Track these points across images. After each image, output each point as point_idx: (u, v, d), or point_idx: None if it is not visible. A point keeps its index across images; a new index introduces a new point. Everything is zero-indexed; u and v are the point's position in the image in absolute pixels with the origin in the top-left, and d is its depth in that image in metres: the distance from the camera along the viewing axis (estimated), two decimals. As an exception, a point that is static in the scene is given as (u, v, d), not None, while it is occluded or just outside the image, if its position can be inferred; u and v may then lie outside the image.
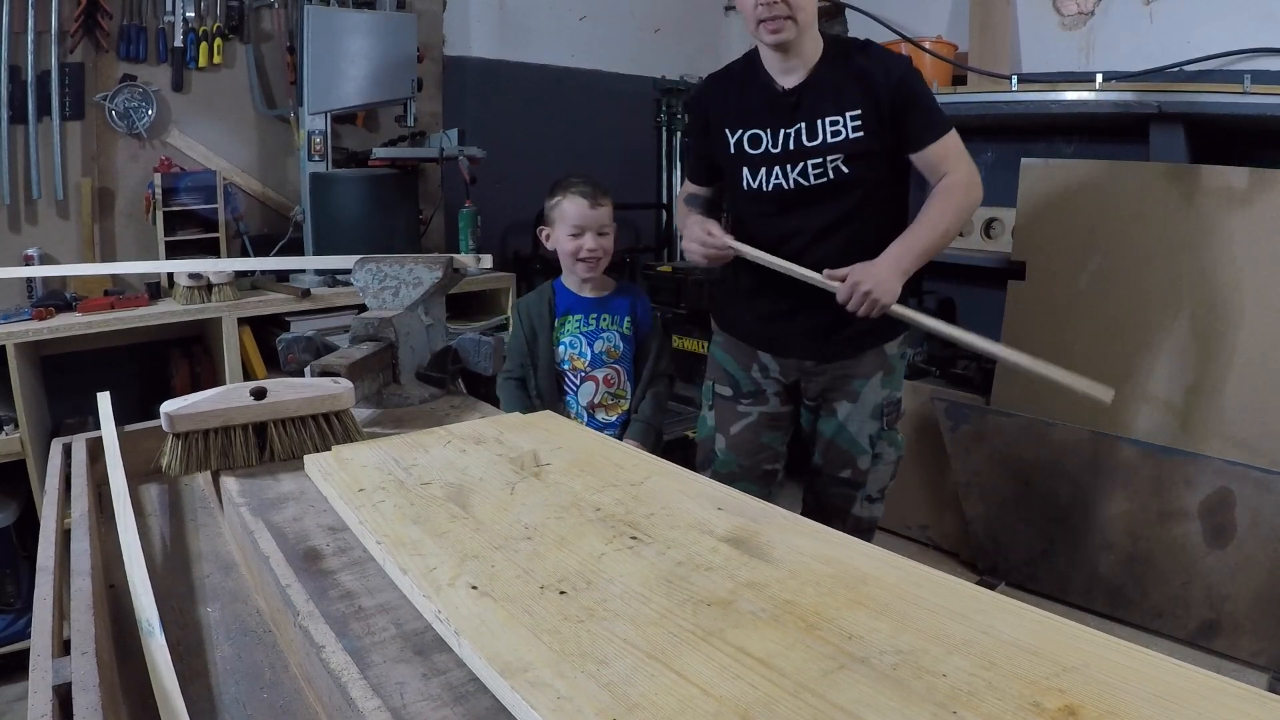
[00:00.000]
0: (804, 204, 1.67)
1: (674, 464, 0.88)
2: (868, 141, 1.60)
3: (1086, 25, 2.78)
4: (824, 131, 1.62)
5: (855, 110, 1.59)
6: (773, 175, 1.67)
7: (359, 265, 1.37)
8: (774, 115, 1.65)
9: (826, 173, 1.63)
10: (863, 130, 1.60)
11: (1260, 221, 2.03)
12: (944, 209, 1.58)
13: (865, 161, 1.62)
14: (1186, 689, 0.49)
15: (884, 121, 1.59)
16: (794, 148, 1.63)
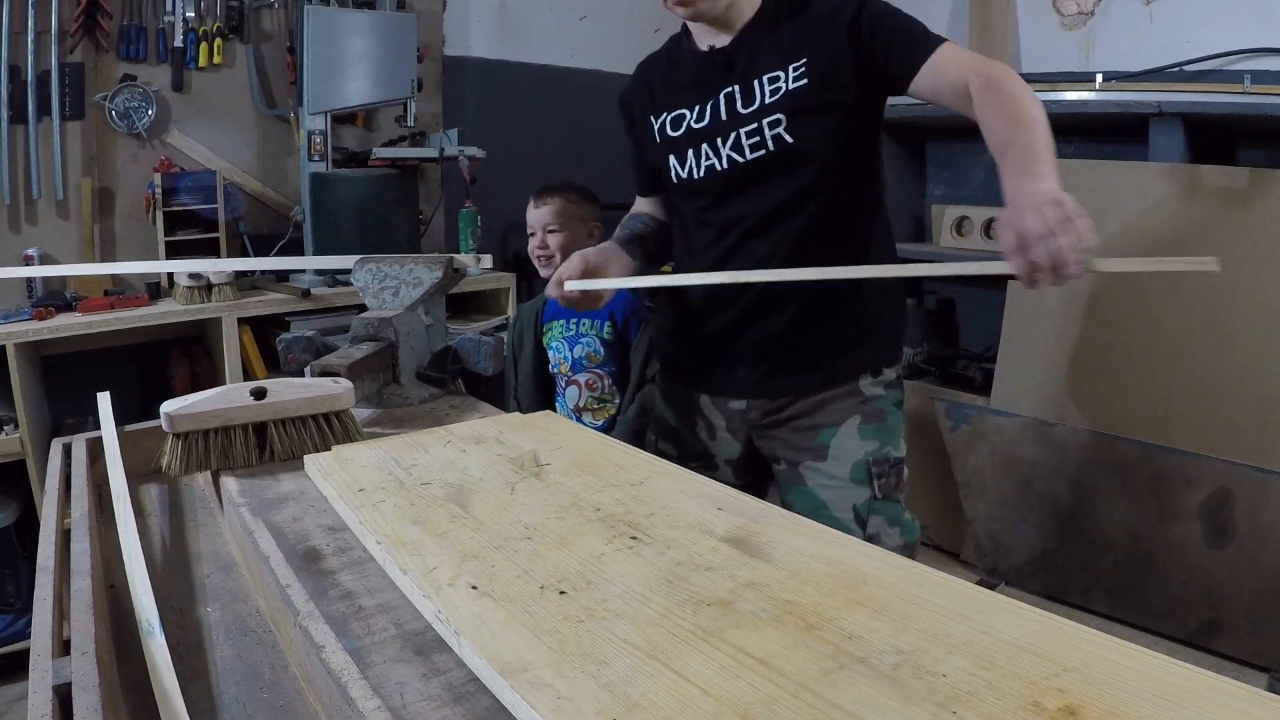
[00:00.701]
0: (742, 187, 1.29)
1: (674, 464, 0.88)
2: (813, 92, 1.22)
3: (1086, 25, 2.78)
4: (761, 92, 1.26)
5: (799, 60, 1.23)
6: (702, 156, 1.31)
7: (359, 265, 1.37)
8: (701, 85, 1.31)
9: (765, 142, 1.25)
10: (806, 79, 1.22)
11: (1260, 221, 2.03)
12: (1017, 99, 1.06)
13: (813, 122, 1.23)
14: (1186, 689, 0.49)
15: (841, 67, 1.22)
16: (725, 116, 1.28)
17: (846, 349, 1.32)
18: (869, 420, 1.31)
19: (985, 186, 3.02)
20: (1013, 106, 1.06)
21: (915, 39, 1.20)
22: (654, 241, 1.45)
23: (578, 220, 1.93)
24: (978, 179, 3.05)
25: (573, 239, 1.90)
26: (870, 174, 1.35)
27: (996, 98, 1.08)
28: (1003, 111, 1.06)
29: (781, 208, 1.28)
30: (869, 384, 1.32)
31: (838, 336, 1.31)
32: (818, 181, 1.27)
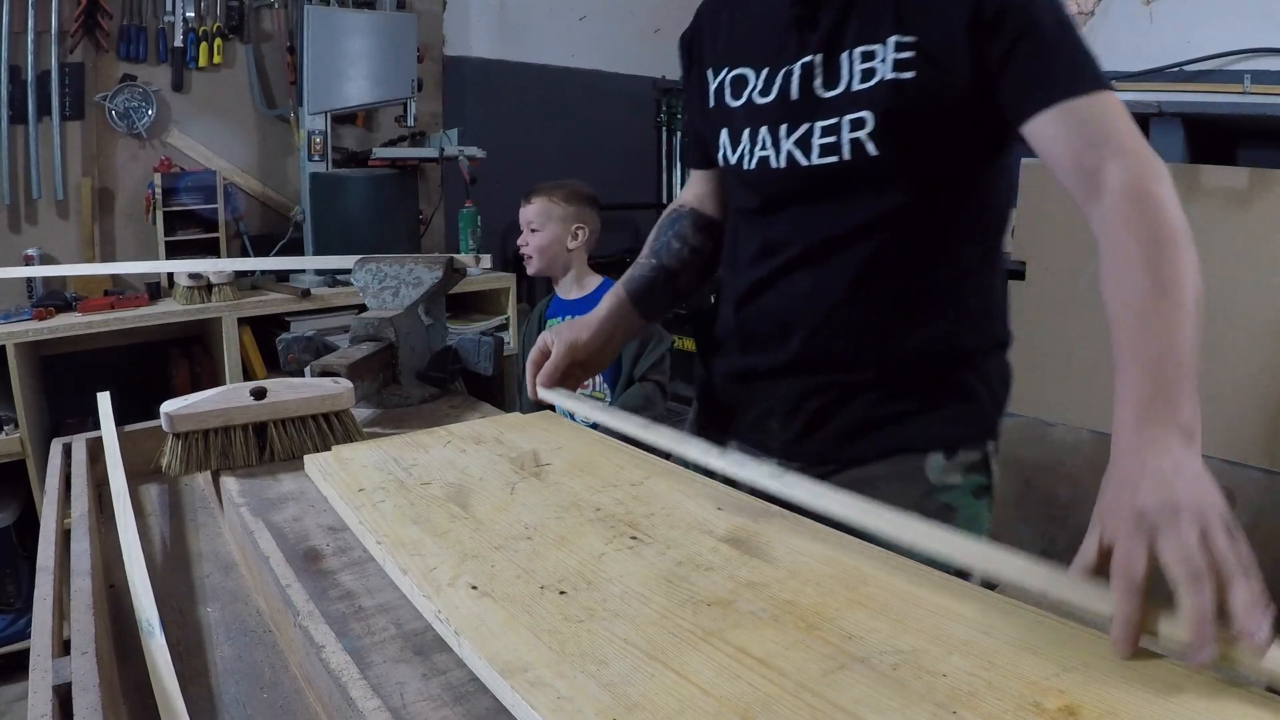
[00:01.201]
0: (799, 198, 0.97)
1: (674, 464, 0.88)
2: (922, 92, 0.87)
3: (1086, 25, 2.78)
4: (848, 72, 0.90)
5: (908, 36, 0.87)
6: (757, 143, 0.98)
7: (359, 265, 1.37)
8: (775, 43, 0.97)
9: (839, 146, 0.91)
10: (914, 70, 0.87)
11: (1260, 221, 2.03)
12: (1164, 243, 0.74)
13: (913, 132, 0.89)
14: (1186, 689, 0.49)
15: (959, 59, 0.86)
16: (798, 96, 0.94)
17: (911, 415, 0.97)
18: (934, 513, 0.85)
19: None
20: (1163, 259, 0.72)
21: (1055, 62, 0.82)
22: (686, 276, 1.15)
23: (558, 220, 1.98)
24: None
25: (552, 238, 1.97)
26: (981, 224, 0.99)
27: (1140, 233, 0.74)
28: (1146, 264, 0.72)
29: (842, 241, 0.95)
30: (939, 467, 0.97)
31: (903, 396, 0.97)
32: (904, 217, 0.93)
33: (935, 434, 0.98)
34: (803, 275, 0.98)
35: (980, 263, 1.00)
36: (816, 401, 1.00)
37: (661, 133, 4.01)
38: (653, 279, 1.13)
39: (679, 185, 4.04)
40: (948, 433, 0.98)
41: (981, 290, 1.01)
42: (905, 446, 0.98)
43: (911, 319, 0.96)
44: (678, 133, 3.96)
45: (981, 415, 1.02)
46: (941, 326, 0.97)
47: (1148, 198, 0.76)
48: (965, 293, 0.99)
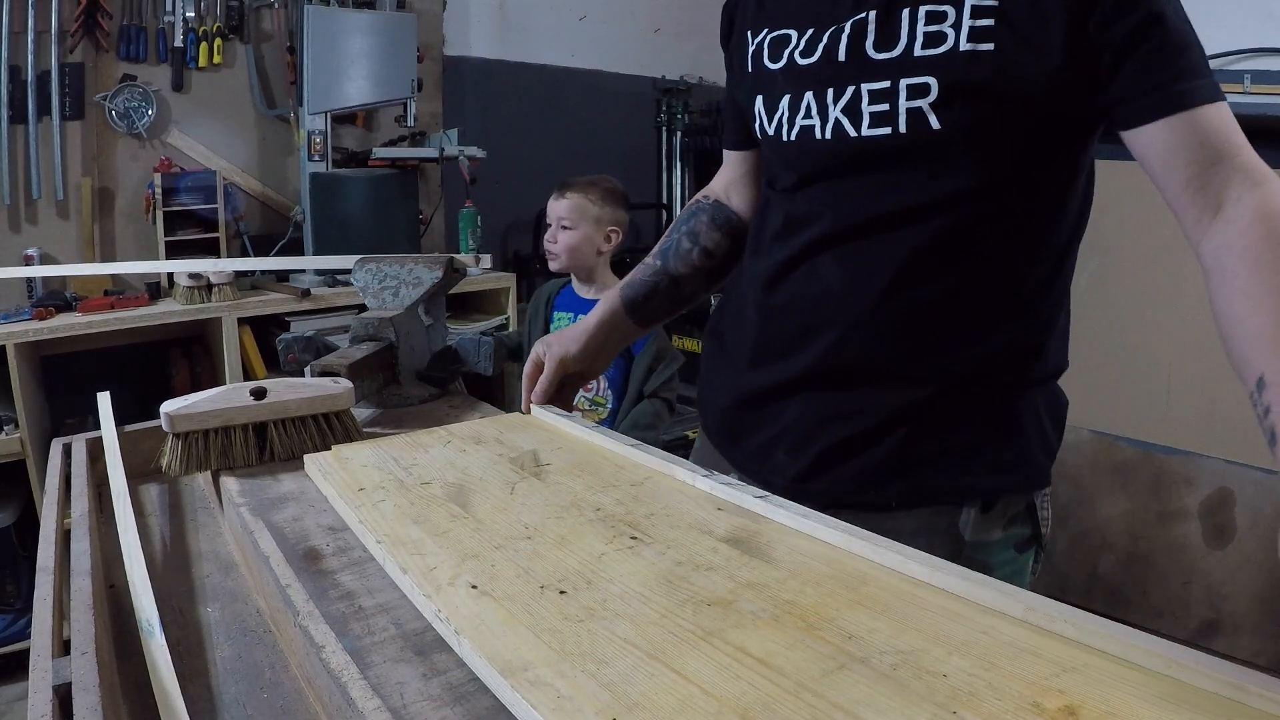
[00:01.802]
0: (840, 173, 0.84)
1: (673, 464, 0.88)
2: (1001, 69, 0.75)
3: (1086, 25, 2.78)
4: (908, 32, 0.79)
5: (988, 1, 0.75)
6: (800, 110, 0.85)
7: (359, 265, 1.37)
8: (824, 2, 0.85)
9: (895, 115, 0.79)
10: (993, 41, 0.75)
11: (1260, 221, 2.03)
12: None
13: (984, 107, 0.77)
14: (1186, 689, 0.49)
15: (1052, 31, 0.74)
16: (845, 57, 0.82)
17: (948, 457, 0.83)
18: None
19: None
20: None
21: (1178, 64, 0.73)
22: (692, 283, 1.05)
23: (592, 221, 1.91)
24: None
25: (584, 239, 1.90)
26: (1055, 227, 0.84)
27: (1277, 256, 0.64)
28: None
29: (886, 223, 0.82)
30: (975, 522, 0.83)
31: (941, 433, 0.83)
32: (964, 205, 0.80)
33: (973, 484, 0.84)
34: (832, 260, 0.84)
35: (1050, 273, 0.85)
36: (835, 432, 0.85)
37: (661, 133, 4.01)
38: (653, 285, 1.04)
39: (679, 186, 4.04)
40: (988, 483, 0.84)
41: (1047, 306, 0.86)
42: (936, 498, 0.84)
43: (963, 331, 0.82)
44: (678, 133, 3.96)
45: (1029, 460, 0.86)
46: (996, 345, 0.83)
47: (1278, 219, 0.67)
48: (1029, 308, 0.84)
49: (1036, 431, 0.86)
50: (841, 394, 0.85)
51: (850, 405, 0.84)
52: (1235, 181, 0.71)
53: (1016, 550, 0.87)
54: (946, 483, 0.83)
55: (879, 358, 0.83)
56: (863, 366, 0.84)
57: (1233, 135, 0.73)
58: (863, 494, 0.85)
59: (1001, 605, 0.59)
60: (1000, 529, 0.85)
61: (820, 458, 0.86)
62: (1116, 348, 2.26)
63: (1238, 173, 0.71)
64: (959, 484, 0.83)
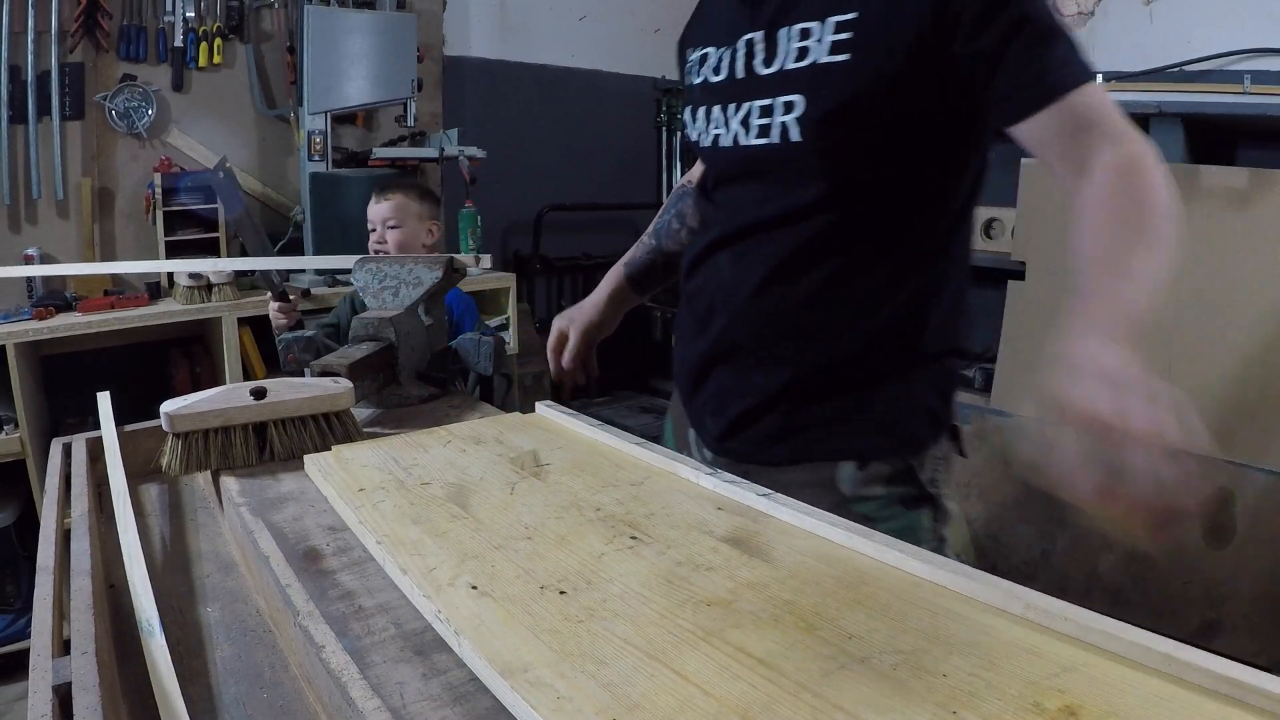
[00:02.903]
0: (734, 179, 0.97)
1: (674, 464, 0.88)
2: (854, 79, 0.83)
3: (1086, 25, 2.78)
4: (784, 50, 0.88)
5: (848, 14, 0.84)
6: (712, 121, 0.97)
7: (359, 265, 1.37)
8: (730, 21, 0.96)
9: (771, 129, 0.89)
10: (848, 52, 0.83)
11: (1260, 221, 2.03)
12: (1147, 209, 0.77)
13: (844, 121, 0.85)
14: (1186, 690, 0.49)
15: (910, 45, 0.81)
16: (743, 74, 0.93)
17: (825, 423, 0.95)
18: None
19: (985, 187, 3.01)
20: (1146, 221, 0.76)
21: (1058, 57, 0.79)
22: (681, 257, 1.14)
23: (415, 218, 2.03)
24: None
25: (410, 235, 2.02)
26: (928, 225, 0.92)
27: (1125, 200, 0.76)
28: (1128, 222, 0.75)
29: (761, 228, 0.93)
30: (852, 478, 0.94)
31: (822, 403, 0.95)
32: (822, 211, 0.89)
33: (846, 445, 0.95)
34: (726, 257, 0.97)
35: (922, 267, 0.93)
36: (737, 404, 0.99)
37: (661, 133, 4.01)
38: (651, 262, 1.20)
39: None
40: (859, 445, 0.94)
41: (920, 296, 0.93)
42: (816, 455, 0.95)
43: (830, 321, 0.93)
44: (678, 133, 3.97)
45: (899, 428, 0.95)
46: (863, 331, 0.93)
47: (1136, 172, 0.76)
48: (896, 298, 0.92)
49: (910, 404, 0.95)
50: (740, 372, 0.99)
51: (746, 382, 0.98)
52: (1099, 144, 0.78)
53: (904, 506, 0.95)
54: (822, 445, 0.95)
55: (758, 343, 0.97)
56: (748, 350, 0.97)
57: (1100, 106, 0.79)
58: (763, 453, 0.98)
59: (1001, 603, 0.59)
60: (880, 486, 0.94)
61: (732, 423, 1.00)
62: (1116, 348, 2.26)
63: (1103, 136, 0.78)
64: (833, 446, 0.95)
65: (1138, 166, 0.76)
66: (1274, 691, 0.46)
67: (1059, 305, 2.32)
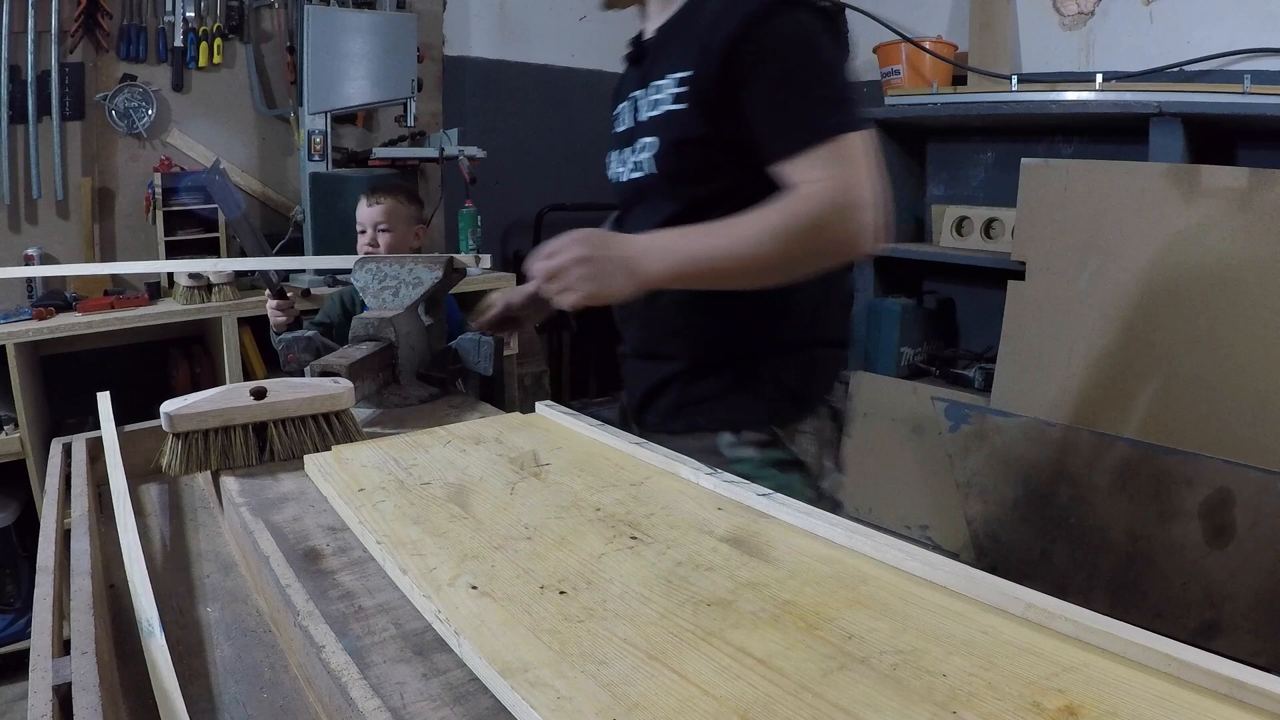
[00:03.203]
0: (626, 207, 1.23)
1: (674, 464, 0.88)
2: (688, 123, 1.04)
3: (1086, 25, 2.78)
4: (649, 103, 1.11)
5: (685, 72, 1.04)
6: (614, 162, 1.23)
7: (359, 265, 1.37)
8: (630, 80, 1.20)
9: (641, 165, 1.13)
10: (685, 102, 1.04)
11: (1260, 221, 2.03)
12: (765, 219, 0.95)
13: (688, 156, 1.07)
14: (1186, 690, 0.49)
15: (723, 93, 1.01)
16: (631, 124, 1.17)
17: (707, 400, 1.16)
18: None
19: (985, 187, 3.02)
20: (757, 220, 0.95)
21: (801, 114, 0.96)
22: None
23: (405, 221, 2.07)
24: (978, 179, 3.05)
25: (400, 239, 2.06)
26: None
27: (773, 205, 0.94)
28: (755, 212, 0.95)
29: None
30: (730, 444, 1.14)
31: (699, 385, 1.17)
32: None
33: (721, 417, 1.16)
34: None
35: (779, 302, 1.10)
36: (646, 386, 1.23)
37: (661, 133, 4.00)
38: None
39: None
40: (731, 417, 1.15)
41: (773, 296, 1.07)
42: (701, 426, 1.17)
43: (700, 321, 1.15)
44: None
45: (764, 404, 1.15)
46: (728, 328, 1.14)
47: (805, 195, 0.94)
48: (750, 298, 1.07)
49: (773, 384, 1.15)
50: (645, 361, 1.24)
51: (649, 369, 1.22)
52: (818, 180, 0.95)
53: (777, 469, 1.14)
54: (705, 418, 1.17)
55: (653, 341, 1.22)
56: (651, 343, 1.22)
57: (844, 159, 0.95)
58: (665, 425, 1.20)
59: (1001, 603, 0.59)
60: (753, 450, 1.14)
61: (642, 402, 1.24)
62: (1116, 348, 2.26)
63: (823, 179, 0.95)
64: (713, 418, 1.16)
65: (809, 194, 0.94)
66: (1274, 691, 0.46)
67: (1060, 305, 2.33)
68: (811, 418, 1.16)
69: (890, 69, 3.02)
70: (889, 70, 3.02)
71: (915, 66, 2.96)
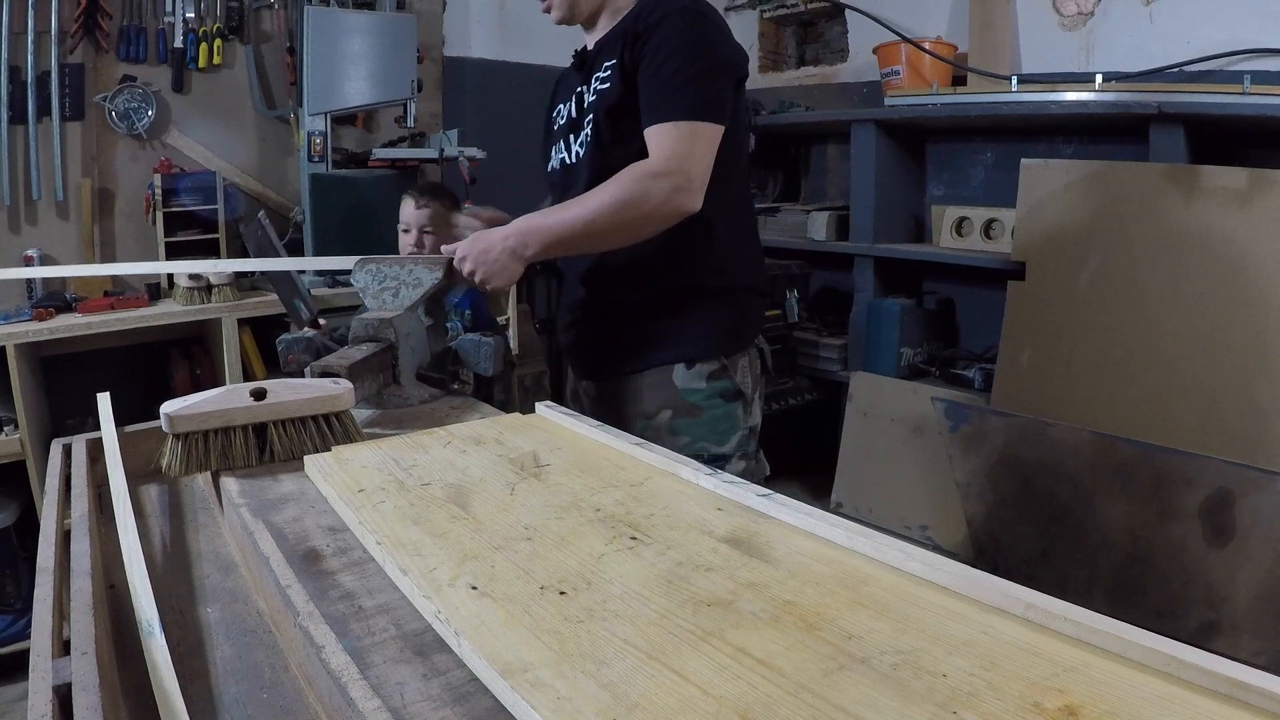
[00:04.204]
0: (571, 185, 1.38)
1: (674, 464, 0.88)
2: (615, 92, 1.30)
3: (1086, 25, 2.78)
4: (591, 92, 1.35)
5: (613, 59, 1.31)
6: (558, 150, 1.43)
7: (359, 266, 1.37)
8: (572, 83, 1.42)
9: (585, 143, 1.35)
10: (609, 82, 1.31)
11: (1260, 221, 2.03)
12: (603, 192, 1.21)
13: (618, 122, 1.30)
14: (1185, 690, 0.49)
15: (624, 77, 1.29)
16: (576, 114, 1.39)
17: (659, 339, 1.36)
18: (681, 415, 1.34)
19: (985, 187, 3.02)
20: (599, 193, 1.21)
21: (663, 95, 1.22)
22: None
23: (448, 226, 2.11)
24: (977, 179, 3.05)
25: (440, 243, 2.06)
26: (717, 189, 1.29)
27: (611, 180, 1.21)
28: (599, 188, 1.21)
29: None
30: (683, 375, 1.34)
31: (654, 326, 1.36)
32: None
33: (675, 352, 1.35)
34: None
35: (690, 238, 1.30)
36: (596, 332, 1.43)
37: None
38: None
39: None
40: (685, 350, 1.34)
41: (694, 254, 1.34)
42: (656, 362, 1.35)
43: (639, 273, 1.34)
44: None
45: (713, 336, 1.36)
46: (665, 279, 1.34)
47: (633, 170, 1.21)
48: (676, 258, 1.33)
49: (714, 322, 1.37)
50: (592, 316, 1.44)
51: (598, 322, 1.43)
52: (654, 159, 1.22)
53: (723, 399, 1.36)
54: (660, 352, 1.36)
55: (598, 295, 1.42)
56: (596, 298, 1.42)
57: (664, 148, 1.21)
58: (619, 366, 1.40)
59: (1001, 603, 0.59)
60: (703, 381, 1.35)
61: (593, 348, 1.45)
62: (1116, 348, 2.26)
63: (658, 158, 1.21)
64: (668, 352, 1.35)
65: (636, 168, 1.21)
66: (1274, 691, 0.46)
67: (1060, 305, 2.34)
68: (746, 353, 1.39)
69: (890, 69, 3.02)
70: (889, 71, 3.02)
71: (915, 67, 2.96)
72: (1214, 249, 2.09)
